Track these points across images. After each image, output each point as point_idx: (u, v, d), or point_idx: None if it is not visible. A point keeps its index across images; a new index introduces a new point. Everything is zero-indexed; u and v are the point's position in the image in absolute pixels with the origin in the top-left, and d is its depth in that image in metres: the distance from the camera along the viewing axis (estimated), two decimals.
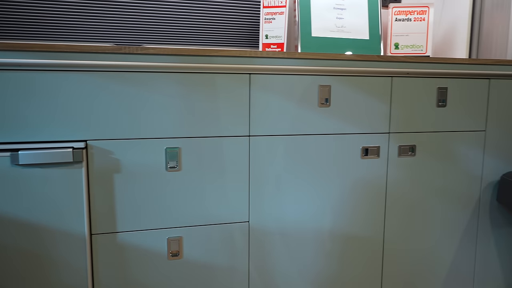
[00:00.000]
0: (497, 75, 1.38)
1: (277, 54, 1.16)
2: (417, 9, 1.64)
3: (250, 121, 1.17)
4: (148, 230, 1.12)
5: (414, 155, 1.33)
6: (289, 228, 1.24)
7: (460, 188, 1.39)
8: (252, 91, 1.16)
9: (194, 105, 1.12)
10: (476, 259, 1.44)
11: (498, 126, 1.40)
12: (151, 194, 1.11)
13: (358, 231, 1.30)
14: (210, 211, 1.16)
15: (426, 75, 1.30)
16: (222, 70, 1.12)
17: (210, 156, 1.15)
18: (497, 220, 1.45)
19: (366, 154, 1.28)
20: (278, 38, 1.49)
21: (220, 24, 1.56)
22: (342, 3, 1.54)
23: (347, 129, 1.25)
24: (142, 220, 1.11)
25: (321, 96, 1.22)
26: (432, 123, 1.34)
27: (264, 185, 1.20)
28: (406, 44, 1.66)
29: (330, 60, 1.21)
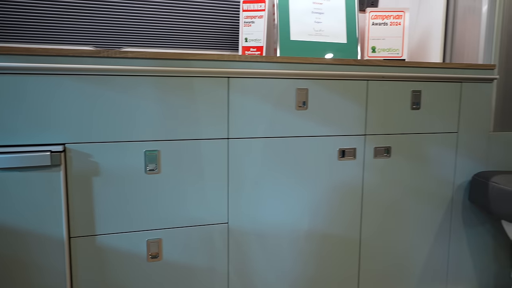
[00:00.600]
0: (468, 79, 1.42)
1: (255, 58, 1.18)
2: (393, 14, 1.68)
3: (229, 124, 1.18)
4: (127, 232, 1.13)
5: (389, 156, 1.37)
6: (268, 229, 1.26)
7: (434, 188, 1.44)
8: (231, 94, 1.18)
9: (173, 108, 1.13)
10: (449, 256, 1.49)
11: (469, 128, 1.45)
12: (130, 196, 1.12)
13: (335, 231, 1.33)
14: (189, 213, 1.18)
15: (400, 79, 1.34)
16: (201, 73, 1.14)
17: (189, 159, 1.16)
18: (469, 219, 1.50)
19: (343, 156, 1.31)
20: (257, 42, 1.51)
21: (200, 27, 1.58)
22: (320, 8, 1.57)
23: (324, 132, 1.28)
24: (121, 222, 1.12)
25: (299, 99, 1.24)
26: (407, 125, 1.38)
27: (243, 187, 1.22)
28: (383, 47, 1.70)
29: (307, 64, 1.24)
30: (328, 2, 1.58)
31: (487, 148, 1.49)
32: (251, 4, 1.51)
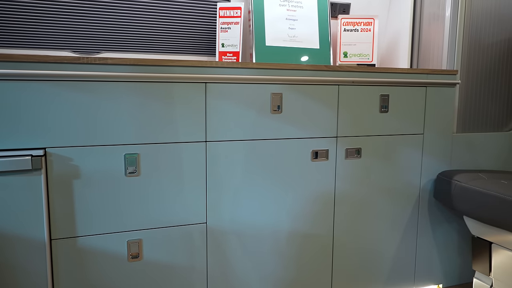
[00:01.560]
0: (432, 83, 1.51)
1: (232, 64, 1.23)
2: (364, 21, 1.76)
3: (207, 128, 1.23)
4: (108, 233, 1.16)
5: (360, 157, 1.44)
6: (245, 227, 1.31)
7: (402, 186, 1.52)
8: (208, 99, 1.22)
9: (153, 113, 1.17)
10: (417, 250, 1.58)
11: (434, 129, 1.54)
12: (110, 198, 1.15)
13: (309, 229, 1.40)
14: (169, 214, 1.22)
15: (369, 84, 1.42)
16: (179, 79, 1.18)
17: (168, 161, 1.20)
18: (435, 215, 1.59)
19: (316, 157, 1.38)
20: (233, 47, 1.56)
21: (179, 32, 1.61)
22: (294, 15, 1.63)
23: (298, 134, 1.34)
24: (102, 224, 1.15)
25: (274, 104, 1.30)
26: (376, 127, 1.45)
27: (221, 188, 1.27)
28: (354, 53, 1.78)
29: (281, 70, 1.30)
30: (301, 10, 1.65)
31: (451, 148, 1.59)
32: (227, 10, 1.56)
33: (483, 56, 1.64)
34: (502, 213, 1.26)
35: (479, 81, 1.65)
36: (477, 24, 1.61)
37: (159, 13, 1.58)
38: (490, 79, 1.66)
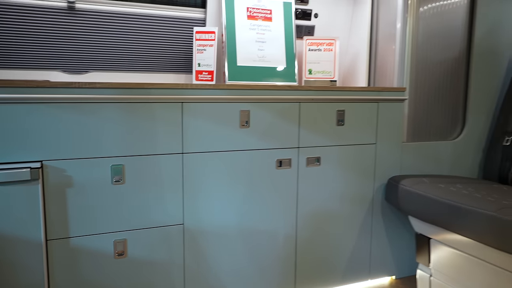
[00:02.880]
0: (383, 100, 1.73)
1: (205, 86, 1.42)
2: (326, 41, 1.97)
3: (183, 141, 1.42)
4: (97, 234, 1.33)
5: (319, 165, 1.64)
6: (218, 227, 1.50)
7: (357, 190, 1.73)
8: (184, 116, 1.41)
9: (135, 129, 1.35)
10: (371, 247, 1.79)
11: (385, 139, 1.76)
12: (99, 204, 1.33)
13: (275, 228, 1.59)
14: (150, 216, 1.40)
15: (327, 101, 1.62)
16: (158, 100, 1.36)
17: (149, 171, 1.38)
18: (387, 215, 1.80)
19: (280, 165, 1.58)
20: (208, 66, 1.75)
21: (160, 52, 1.79)
22: (263, 37, 1.83)
23: (264, 145, 1.54)
24: (91, 226, 1.33)
25: (242, 119, 1.49)
26: (333, 138, 1.66)
27: (197, 193, 1.45)
28: (318, 70, 1.99)
29: (249, 89, 1.49)
30: (269, 33, 1.85)
31: (401, 156, 1.81)
32: (202, 34, 1.75)
33: (429, 73, 1.86)
34: (438, 213, 1.47)
35: (426, 95, 1.87)
36: (424, 44, 1.83)
37: (143, 35, 1.75)
38: (436, 93, 1.89)
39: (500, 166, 1.86)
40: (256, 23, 1.83)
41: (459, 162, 1.96)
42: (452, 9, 1.87)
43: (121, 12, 1.69)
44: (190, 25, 1.83)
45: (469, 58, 1.94)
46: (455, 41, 1.90)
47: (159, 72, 1.81)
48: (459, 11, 1.89)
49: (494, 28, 1.95)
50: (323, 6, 2.01)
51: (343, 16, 2.07)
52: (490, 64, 1.97)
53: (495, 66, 1.99)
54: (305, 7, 1.98)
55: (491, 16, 1.94)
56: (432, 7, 1.82)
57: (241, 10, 1.82)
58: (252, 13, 1.83)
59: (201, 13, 1.84)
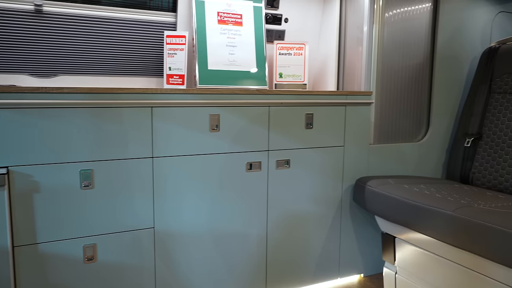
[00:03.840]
0: (351, 103, 1.78)
1: (174, 91, 1.43)
2: (296, 46, 2.01)
3: (153, 145, 1.43)
4: (66, 239, 1.33)
5: (289, 167, 1.68)
6: (189, 230, 1.51)
7: (326, 191, 1.78)
8: (154, 120, 1.42)
9: (105, 133, 1.35)
10: (340, 246, 1.84)
11: (353, 142, 1.81)
12: (68, 209, 1.32)
13: (246, 229, 1.62)
14: (120, 221, 1.40)
15: (296, 105, 1.66)
16: (128, 105, 1.37)
17: (119, 175, 1.38)
18: (356, 215, 1.86)
19: (251, 168, 1.60)
20: (179, 70, 1.76)
21: (131, 56, 1.79)
22: (233, 42, 1.86)
23: (234, 149, 1.56)
24: (60, 231, 1.32)
25: (212, 123, 1.52)
26: (303, 141, 1.70)
27: (167, 197, 1.47)
28: (288, 74, 2.03)
29: (219, 94, 1.51)
30: (240, 37, 1.87)
31: (368, 157, 1.86)
32: (173, 38, 1.76)
33: (395, 77, 1.93)
34: (401, 212, 1.53)
35: (393, 98, 1.93)
36: (390, 48, 1.90)
37: (113, 39, 1.75)
38: (401, 96, 1.96)
39: (461, 166, 1.95)
40: (227, 28, 1.86)
41: (424, 162, 2.04)
42: (417, 15, 1.94)
43: (90, 15, 1.68)
44: (160, 29, 1.84)
45: (433, 62, 2.02)
46: (419, 46, 1.97)
47: (130, 75, 1.81)
48: (423, 17, 1.96)
49: (456, 34, 2.04)
50: (293, 10, 2.05)
51: (313, 21, 2.11)
52: (452, 69, 2.06)
53: (457, 70, 2.08)
54: (275, 12, 2.02)
55: (453, 23, 2.02)
56: (397, 12, 1.89)
57: (212, 14, 1.83)
58: (223, 17, 1.85)
59: (172, 17, 1.85)
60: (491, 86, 1.93)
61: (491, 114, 1.89)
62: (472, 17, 2.07)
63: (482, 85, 1.96)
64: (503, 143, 1.81)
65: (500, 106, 1.87)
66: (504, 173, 1.77)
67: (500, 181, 1.78)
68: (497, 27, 2.16)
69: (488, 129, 1.88)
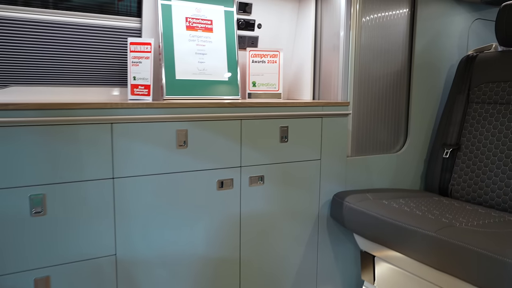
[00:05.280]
0: (327, 115, 1.70)
1: (137, 105, 1.31)
2: (270, 53, 1.92)
3: (114, 165, 1.30)
4: (14, 273, 1.19)
5: (263, 183, 1.58)
6: (156, 256, 1.39)
7: (302, 207, 1.69)
8: (115, 138, 1.29)
9: (58, 154, 1.22)
10: (318, 264, 1.76)
11: (330, 154, 1.73)
12: (15, 239, 1.18)
13: (217, 252, 1.51)
14: (76, 249, 1.27)
15: (270, 117, 1.56)
16: (84, 121, 1.24)
17: (76, 199, 1.25)
18: (333, 232, 1.78)
19: (222, 186, 1.50)
20: (145, 80, 1.64)
21: (91, 64, 1.65)
22: (203, 49, 1.74)
23: (204, 166, 1.45)
24: (7, 264, 1.18)
25: (179, 139, 1.40)
26: (277, 156, 1.60)
27: (130, 221, 1.34)
28: (262, 82, 1.93)
29: (186, 108, 1.40)
30: (210, 44, 1.76)
31: (346, 170, 1.79)
32: (137, 45, 1.63)
33: (372, 86, 1.86)
34: (381, 231, 1.46)
35: (370, 108, 1.86)
36: (366, 57, 1.82)
37: (71, 45, 1.61)
38: (379, 107, 1.89)
39: (440, 178, 1.89)
40: (196, 34, 1.74)
41: (402, 174, 1.98)
42: (394, 21, 1.87)
43: (45, 20, 1.54)
44: (124, 35, 1.71)
45: (411, 70, 1.96)
46: (397, 53, 1.91)
47: (91, 86, 1.67)
48: (401, 23, 1.90)
49: (433, 40, 1.98)
50: (267, 16, 1.96)
51: (288, 26, 2.02)
52: (430, 76, 2.01)
53: (435, 78, 2.03)
54: (248, 17, 1.91)
55: (430, 29, 1.97)
56: (375, 17, 1.81)
57: (180, 20, 1.72)
58: (192, 23, 1.74)
59: (137, 22, 1.72)
60: (469, 95, 1.89)
61: (469, 125, 1.85)
62: (449, 24, 2.02)
63: (460, 95, 1.91)
64: (481, 154, 1.76)
65: (478, 117, 1.82)
66: (484, 186, 1.72)
67: (479, 193, 1.73)
68: (474, 34, 2.13)
69: (466, 139, 1.84)
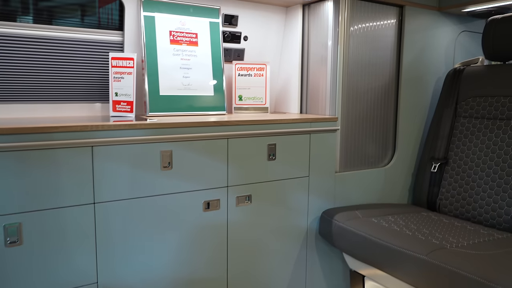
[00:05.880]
0: (315, 131, 1.67)
1: (118, 127, 1.26)
2: (257, 66, 1.88)
3: (95, 189, 1.24)
4: None
5: (250, 203, 1.54)
6: (140, 283, 1.34)
7: (291, 225, 1.65)
8: (96, 161, 1.24)
9: (35, 180, 1.15)
10: (306, 281, 1.72)
11: (318, 171, 1.70)
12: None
13: (204, 275, 1.46)
14: (56, 278, 1.21)
15: (257, 135, 1.52)
16: (63, 145, 1.18)
17: (54, 227, 1.19)
18: (322, 250, 1.75)
19: (208, 207, 1.45)
20: (127, 96, 1.58)
21: (72, 80, 1.59)
22: (188, 63, 1.69)
23: (189, 187, 1.41)
24: None
25: (164, 160, 1.35)
26: (265, 174, 1.56)
27: (113, 246, 1.29)
28: (249, 96, 1.89)
29: (170, 128, 1.35)
30: (195, 58, 1.71)
31: (334, 186, 1.76)
32: (119, 60, 1.57)
33: (361, 100, 1.83)
34: (371, 253, 1.43)
35: (358, 122, 1.84)
36: (355, 70, 1.80)
37: (51, 60, 1.54)
38: (367, 120, 1.86)
39: (428, 192, 1.88)
40: (181, 48, 1.69)
41: (391, 188, 1.96)
42: (382, 33, 1.85)
43: (23, 35, 1.47)
44: (106, 49, 1.65)
45: (398, 82, 1.94)
46: (385, 65, 1.88)
47: (72, 102, 1.61)
48: (389, 35, 1.88)
49: (420, 53, 1.97)
50: (253, 28, 1.92)
51: (274, 38, 1.99)
52: (417, 89, 2.00)
53: (422, 91, 2.02)
54: (234, 29, 1.87)
55: (417, 42, 1.95)
56: (363, 27, 1.79)
57: (164, 34, 1.66)
58: (176, 37, 1.68)
59: (118, 35, 1.66)
60: (456, 109, 1.88)
61: (457, 139, 1.84)
62: (436, 36, 2.02)
63: (447, 108, 1.90)
64: (469, 169, 1.76)
65: (466, 131, 1.82)
66: (472, 201, 1.71)
67: (468, 209, 1.72)
68: (460, 47, 2.12)
69: (454, 154, 1.83)
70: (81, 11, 1.61)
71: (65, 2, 1.58)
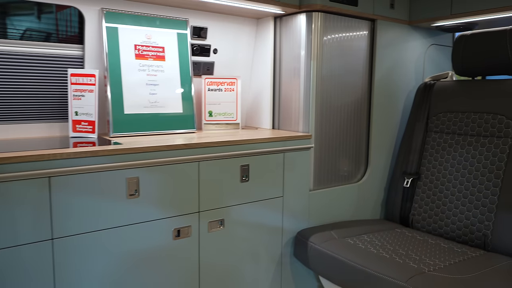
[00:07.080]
0: (289, 150, 1.61)
1: (78, 154, 1.15)
2: (227, 80, 1.80)
3: (53, 224, 1.13)
4: None
5: (223, 227, 1.47)
6: None
7: (265, 248, 1.59)
8: (53, 193, 1.13)
9: None
10: None
11: (292, 190, 1.65)
12: None
13: None
14: None
15: (229, 157, 1.45)
16: (15, 178, 1.06)
17: (7, 267, 1.07)
18: (297, 272, 1.70)
19: (178, 235, 1.37)
20: (89, 116, 1.47)
21: (29, 98, 1.46)
22: (154, 79, 1.60)
23: (158, 215, 1.32)
24: None
25: (130, 188, 1.25)
26: (238, 197, 1.49)
27: (74, 284, 1.18)
28: (219, 112, 1.81)
29: (136, 153, 1.25)
30: (162, 73, 1.62)
31: (309, 205, 1.71)
32: (80, 77, 1.46)
33: (334, 116, 1.80)
34: (348, 277, 1.39)
35: (331, 139, 1.80)
36: (328, 85, 1.76)
37: (2, 77, 1.40)
38: (340, 136, 1.83)
39: (401, 207, 1.87)
40: (147, 63, 1.59)
41: (364, 203, 1.94)
42: (354, 45, 1.82)
43: None
44: (64, 64, 1.52)
45: (371, 96, 1.92)
46: (357, 79, 1.86)
47: (28, 122, 1.48)
48: (361, 48, 1.85)
49: (392, 66, 1.96)
50: (223, 40, 1.84)
51: (245, 51, 1.92)
52: (389, 104, 1.98)
53: (394, 105, 2.01)
54: (203, 42, 1.79)
55: (389, 56, 1.94)
56: (335, 40, 1.75)
57: (128, 47, 1.56)
58: (141, 51, 1.58)
59: (78, 49, 1.54)
60: (427, 124, 1.88)
61: (428, 154, 1.84)
62: (406, 49, 2.01)
63: (418, 123, 1.90)
64: (441, 185, 1.76)
65: (437, 146, 1.82)
66: (444, 217, 1.71)
67: (440, 225, 1.72)
68: (430, 60, 2.13)
69: (426, 169, 1.83)
70: (36, 22, 1.48)
71: (17, 12, 1.44)
